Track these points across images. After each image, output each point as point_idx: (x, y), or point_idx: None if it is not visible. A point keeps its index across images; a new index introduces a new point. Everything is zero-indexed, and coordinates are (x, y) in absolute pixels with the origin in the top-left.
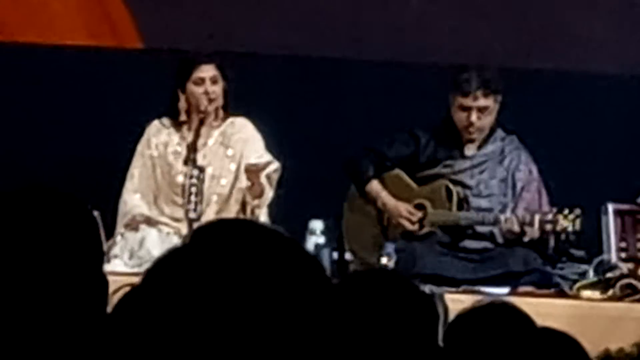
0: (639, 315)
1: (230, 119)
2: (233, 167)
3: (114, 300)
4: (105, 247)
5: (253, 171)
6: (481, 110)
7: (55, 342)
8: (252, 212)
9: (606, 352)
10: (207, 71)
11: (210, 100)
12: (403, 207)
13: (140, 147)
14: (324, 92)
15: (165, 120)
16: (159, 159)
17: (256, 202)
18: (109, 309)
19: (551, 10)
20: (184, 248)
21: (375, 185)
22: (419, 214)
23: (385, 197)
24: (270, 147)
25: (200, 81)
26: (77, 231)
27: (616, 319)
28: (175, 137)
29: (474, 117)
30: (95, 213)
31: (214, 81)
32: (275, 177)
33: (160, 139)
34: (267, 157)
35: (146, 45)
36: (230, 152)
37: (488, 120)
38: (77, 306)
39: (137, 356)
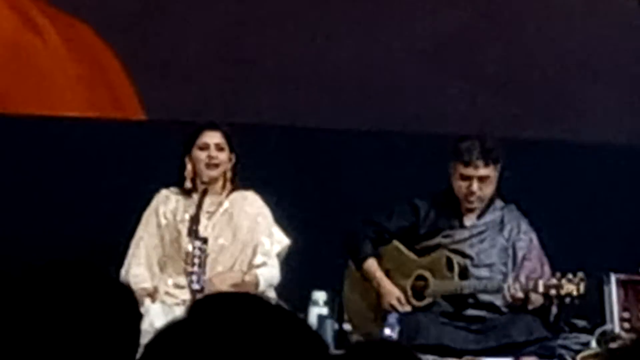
0: None
1: (239, 192)
2: (239, 242)
3: None
4: None
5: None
6: (482, 179)
7: None
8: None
9: None
10: (212, 137)
11: (215, 166)
12: (394, 294)
13: (146, 216)
14: (325, 163)
15: (174, 189)
16: (168, 227)
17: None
18: None
19: (553, 81)
20: (183, 322)
21: (371, 264)
22: (409, 302)
23: (380, 278)
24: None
25: (205, 146)
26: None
27: None
28: (183, 206)
29: (474, 186)
30: None
31: (219, 148)
32: (284, 253)
33: (168, 207)
34: (277, 235)
35: (149, 117)
36: (238, 225)
37: (489, 189)
38: None
39: None
